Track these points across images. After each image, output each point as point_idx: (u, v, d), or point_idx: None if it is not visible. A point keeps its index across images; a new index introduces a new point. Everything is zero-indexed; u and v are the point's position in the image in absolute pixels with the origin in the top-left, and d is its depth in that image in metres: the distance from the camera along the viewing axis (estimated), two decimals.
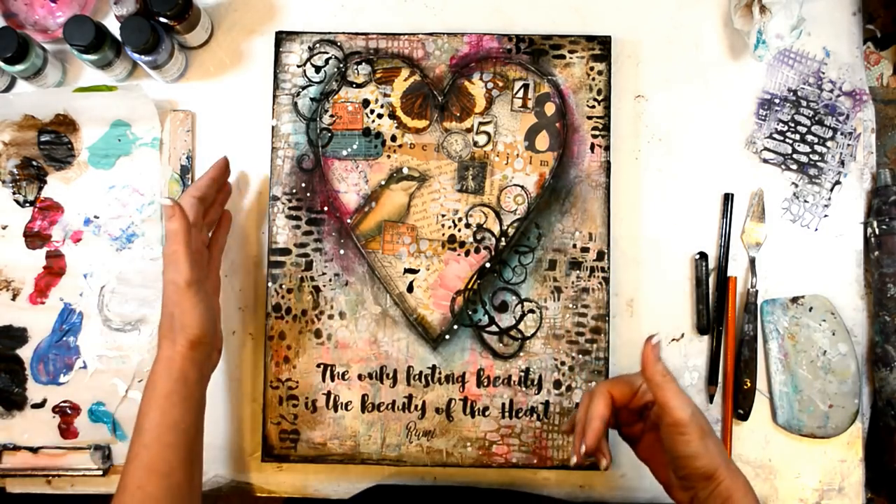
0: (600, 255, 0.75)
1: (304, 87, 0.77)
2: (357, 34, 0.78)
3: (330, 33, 0.78)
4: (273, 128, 0.77)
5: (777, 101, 0.79)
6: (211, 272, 0.72)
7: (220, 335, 0.70)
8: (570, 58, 0.77)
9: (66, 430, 0.76)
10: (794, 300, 0.76)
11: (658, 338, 0.56)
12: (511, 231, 0.76)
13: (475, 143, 0.77)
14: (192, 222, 0.66)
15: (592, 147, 0.76)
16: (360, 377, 0.75)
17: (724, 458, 0.56)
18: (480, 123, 0.77)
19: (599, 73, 0.77)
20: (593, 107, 0.77)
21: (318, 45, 0.78)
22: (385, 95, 0.77)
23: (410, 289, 0.76)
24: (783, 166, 0.79)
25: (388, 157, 0.77)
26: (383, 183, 0.77)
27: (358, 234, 0.76)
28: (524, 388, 0.75)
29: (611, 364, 0.75)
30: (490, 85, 0.77)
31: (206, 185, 0.70)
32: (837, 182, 0.78)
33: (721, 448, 0.57)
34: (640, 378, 0.59)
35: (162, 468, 0.60)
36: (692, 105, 0.79)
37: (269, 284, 0.76)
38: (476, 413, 0.75)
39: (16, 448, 0.76)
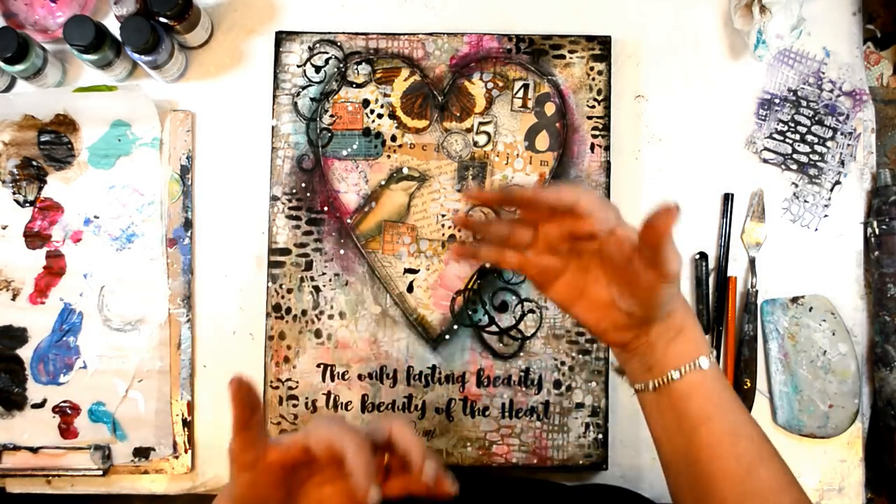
0: None
1: (304, 87, 0.77)
2: (357, 34, 0.78)
3: (330, 33, 0.78)
4: (273, 128, 0.77)
5: (777, 101, 0.79)
6: None
7: None
8: (570, 58, 0.77)
9: (66, 430, 0.76)
10: (794, 300, 0.76)
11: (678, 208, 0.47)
12: None
13: (475, 143, 0.77)
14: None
15: (592, 147, 0.76)
16: (360, 377, 0.75)
17: (679, 290, 0.52)
18: (480, 123, 0.77)
19: (599, 73, 0.77)
20: (593, 107, 0.77)
21: (318, 45, 0.78)
22: (385, 95, 0.77)
23: (410, 289, 0.76)
24: (783, 166, 0.79)
25: (388, 157, 0.77)
26: (383, 183, 0.77)
27: (358, 234, 0.76)
28: (524, 388, 0.75)
29: (610, 364, 0.75)
30: (490, 85, 0.77)
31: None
32: (837, 182, 0.78)
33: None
34: (600, 206, 0.50)
35: None
36: (692, 105, 0.79)
37: (269, 284, 0.76)
38: (476, 413, 0.75)
39: (16, 448, 0.76)
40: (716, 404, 0.51)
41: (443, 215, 0.76)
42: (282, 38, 0.78)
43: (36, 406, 0.77)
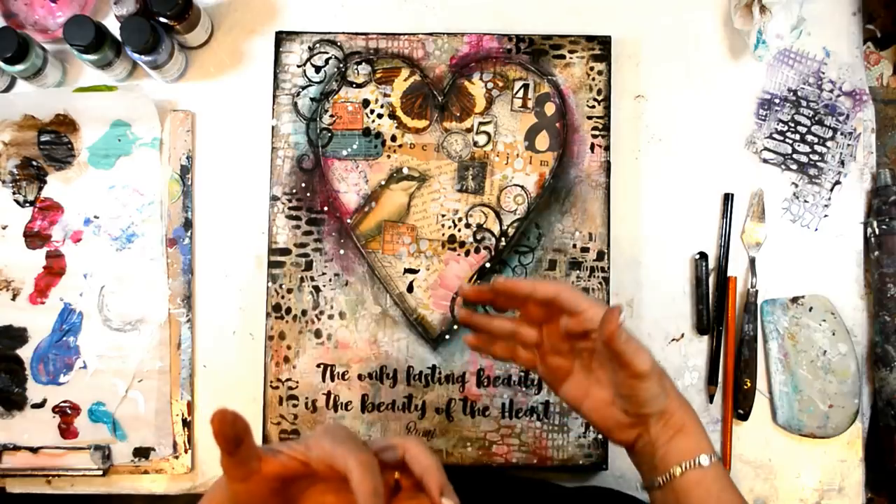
0: (600, 255, 0.75)
1: (304, 87, 0.77)
2: (357, 34, 0.78)
3: (330, 33, 0.78)
4: (273, 128, 0.77)
5: (777, 101, 0.79)
6: None
7: None
8: (570, 58, 0.77)
9: (66, 430, 0.76)
10: (794, 300, 0.76)
11: (623, 310, 0.52)
12: (511, 231, 0.76)
13: (475, 143, 0.77)
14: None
15: (592, 147, 0.76)
16: (360, 377, 0.75)
17: (675, 392, 0.56)
18: (480, 123, 0.77)
19: (599, 73, 0.77)
20: (593, 107, 0.77)
21: (318, 45, 0.78)
22: (385, 95, 0.77)
23: (410, 289, 0.76)
24: (783, 166, 0.79)
25: (388, 157, 0.77)
26: (383, 183, 0.77)
27: (358, 234, 0.76)
28: (524, 388, 0.75)
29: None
30: (490, 85, 0.77)
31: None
32: (837, 182, 0.78)
33: (671, 382, 0.57)
34: (586, 303, 0.55)
35: None
36: (692, 105, 0.79)
37: (269, 284, 0.76)
38: (476, 413, 0.75)
39: (16, 448, 0.76)
40: (716, 499, 0.54)
41: (443, 215, 0.76)
42: (282, 38, 0.78)
43: (36, 406, 0.77)
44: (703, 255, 0.77)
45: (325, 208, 0.76)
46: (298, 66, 0.77)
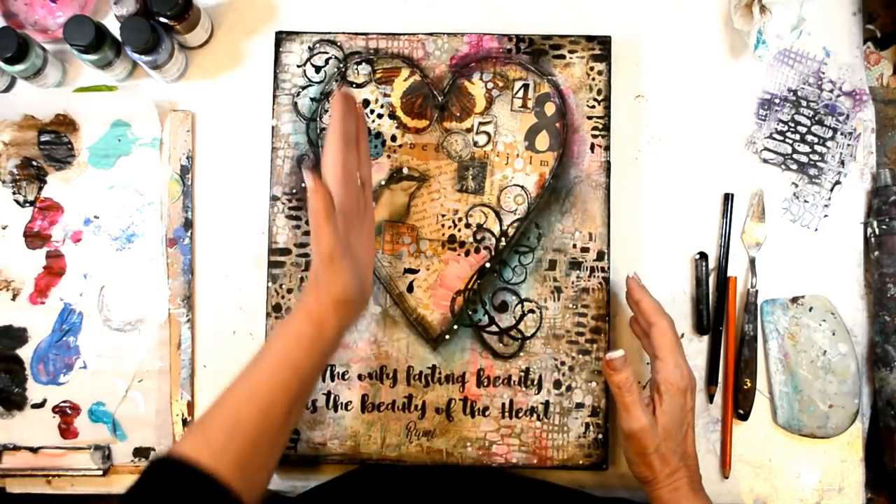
0: (600, 255, 0.75)
1: (304, 87, 0.77)
2: (357, 34, 0.78)
3: (330, 33, 0.78)
4: (273, 128, 0.77)
5: (777, 101, 0.79)
6: (366, 217, 0.65)
7: (370, 284, 0.65)
8: (570, 58, 0.77)
9: (66, 430, 0.76)
10: (794, 300, 0.76)
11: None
12: (511, 231, 0.76)
13: (475, 143, 0.77)
14: (345, 173, 0.61)
15: (592, 147, 0.76)
16: (360, 377, 0.75)
17: (687, 452, 0.64)
18: (480, 123, 0.77)
19: (599, 73, 0.77)
20: (593, 107, 0.77)
21: (318, 45, 0.78)
22: (385, 95, 0.77)
23: (410, 289, 0.76)
24: (783, 166, 0.79)
25: (388, 157, 0.77)
26: (383, 183, 0.77)
27: None
28: (524, 388, 0.75)
29: None
30: (490, 85, 0.77)
31: (343, 125, 0.62)
32: (837, 182, 0.78)
33: (691, 434, 0.65)
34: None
35: (265, 397, 0.55)
36: (692, 105, 0.79)
37: (269, 284, 0.76)
38: (476, 413, 0.75)
39: (16, 448, 0.76)
40: None
41: (443, 215, 0.76)
42: (282, 38, 0.78)
43: (36, 406, 0.77)
44: (703, 255, 0.77)
45: None
46: (298, 66, 0.77)
